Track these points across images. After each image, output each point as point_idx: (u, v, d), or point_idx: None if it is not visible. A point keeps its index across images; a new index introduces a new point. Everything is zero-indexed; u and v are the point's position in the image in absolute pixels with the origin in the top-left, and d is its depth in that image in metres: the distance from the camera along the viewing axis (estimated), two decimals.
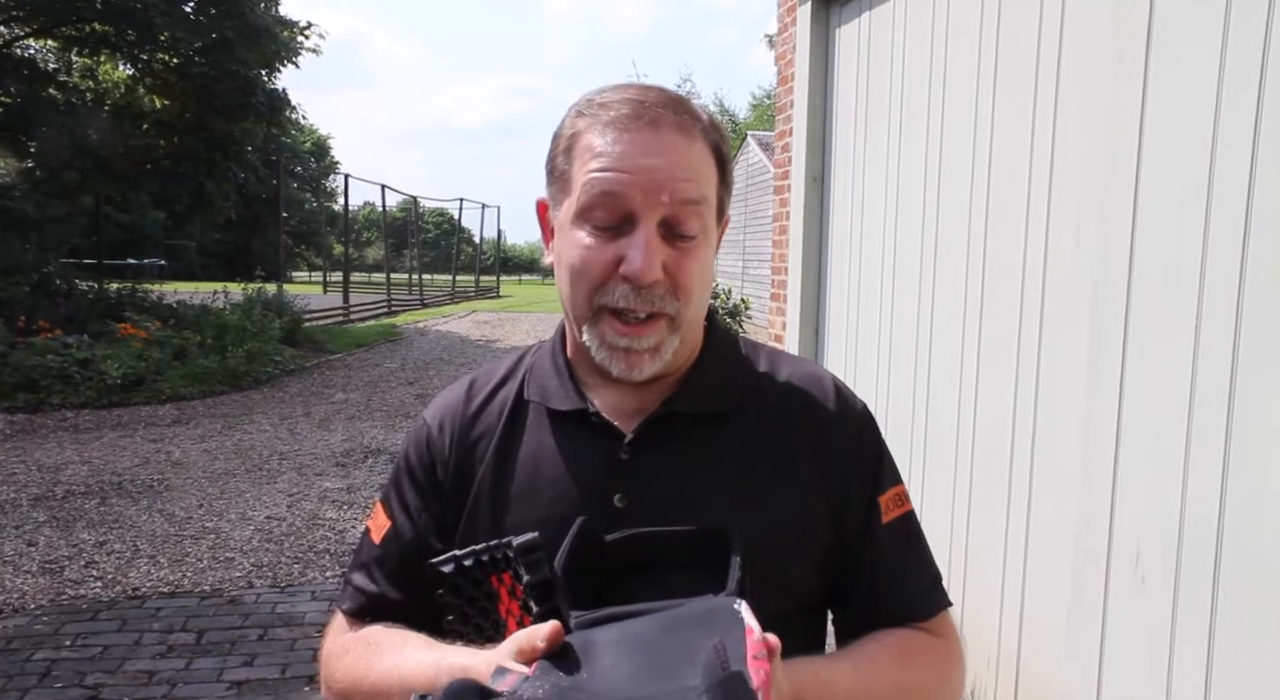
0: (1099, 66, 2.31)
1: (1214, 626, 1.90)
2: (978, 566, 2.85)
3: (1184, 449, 1.99)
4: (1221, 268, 1.89)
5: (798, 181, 4.18)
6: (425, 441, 1.03)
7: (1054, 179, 2.50)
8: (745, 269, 17.90)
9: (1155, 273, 2.10)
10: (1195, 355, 1.96)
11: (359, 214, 54.64)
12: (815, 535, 0.95)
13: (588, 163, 0.88)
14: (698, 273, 0.90)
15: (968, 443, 2.91)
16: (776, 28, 4.62)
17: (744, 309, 12.50)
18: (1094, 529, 2.27)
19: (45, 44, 15.57)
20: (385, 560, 1.02)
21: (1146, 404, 2.12)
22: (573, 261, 0.89)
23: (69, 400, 8.68)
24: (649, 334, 0.89)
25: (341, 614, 1.05)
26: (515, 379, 1.04)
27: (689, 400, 0.96)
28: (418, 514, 1.01)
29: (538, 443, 0.98)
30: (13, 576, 4.37)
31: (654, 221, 0.86)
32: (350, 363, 12.63)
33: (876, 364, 3.56)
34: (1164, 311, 2.06)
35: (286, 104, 15.31)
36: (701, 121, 0.92)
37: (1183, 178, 2.00)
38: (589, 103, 0.91)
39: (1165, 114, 2.07)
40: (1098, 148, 2.30)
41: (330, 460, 6.87)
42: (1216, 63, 1.91)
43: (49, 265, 12.72)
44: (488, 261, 42.71)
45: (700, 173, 0.89)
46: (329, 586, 4.33)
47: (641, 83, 0.95)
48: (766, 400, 0.99)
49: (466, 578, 0.90)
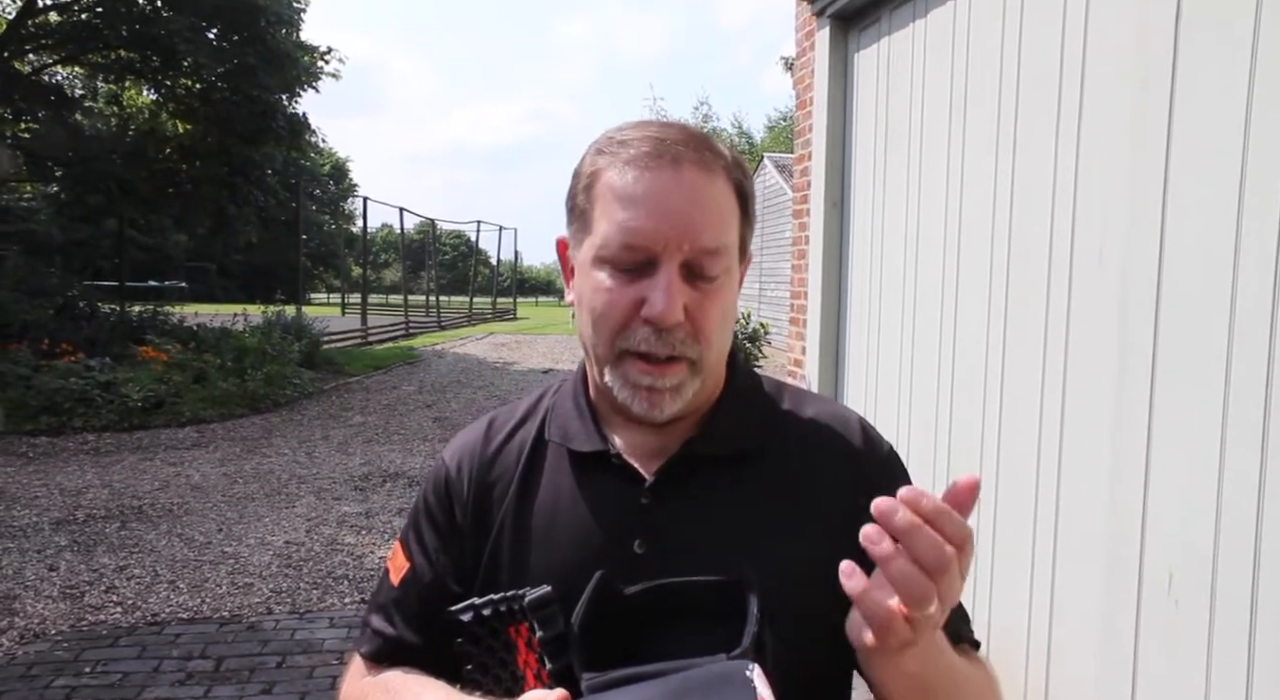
0: (1123, 91, 2.29)
1: (1252, 655, 1.86)
2: (1004, 595, 2.81)
3: (1217, 472, 1.95)
4: (1252, 290, 1.87)
5: (817, 206, 4.17)
6: (444, 482, 1.02)
7: (1078, 204, 2.47)
8: (762, 291, 17.89)
9: (1184, 295, 2.07)
10: (1227, 377, 1.93)
11: (377, 236, 55.10)
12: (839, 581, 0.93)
13: (609, 205, 0.87)
14: (719, 316, 0.89)
15: (992, 468, 2.87)
16: (795, 52, 4.63)
17: (763, 333, 12.48)
18: (1124, 555, 2.23)
19: (72, 71, 15.85)
20: (404, 603, 1.00)
21: (1177, 426, 2.08)
22: (594, 305, 0.88)
23: (90, 423, 8.75)
24: (671, 374, 0.88)
25: (359, 657, 1.04)
26: (535, 418, 1.03)
27: (710, 441, 0.94)
28: (436, 556, 0.99)
29: (557, 485, 0.96)
30: (34, 601, 4.38)
31: (675, 264, 0.85)
32: (368, 385, 12.67)
33: (898, 390, 3.53)
34: (1193, 335, 2.03)
35: (306, 128, 15.48)
36: (724, 159, 0.90)
37: (1210, 203, 1.98)
38: (609, 140, 0.90)
39: (1192, 138, 2.05)
40: (1123, 173, 2.28)
41: (348, 484, 6.87)
42: (1245, 85, 1.89)
43: (73, 288, 12.88)
44: (504, 283, 42.90)
45: (722, 215, 0.88)
46: (347, 612, 4.32)
47: (662, 120, 0.94)
48: (790, 441, 0.97)
49: (485, 627, 0.89)
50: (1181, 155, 2.08)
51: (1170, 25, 2.11)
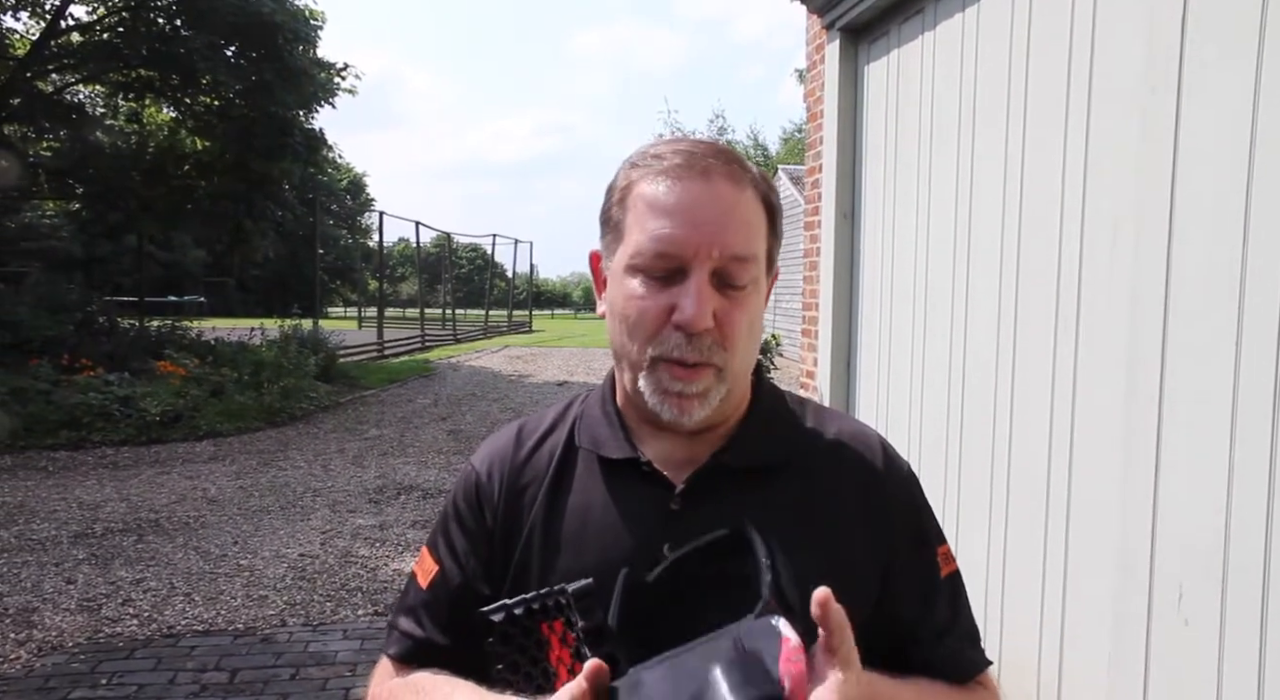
0: (1131, 100, 2.29)
1: (1263, 670, 1.84)
2: (1014, 610, 2.79)
3: (1226, 485, 1.94)
4: (1260, 299, 1.86)
5: (828, 217, 4.17)
6: (474, 487, 1.04)
7: (1086, 215, 2.47)
8: (777, 302, 17.87)
9: (1192, 307, 2.06)
10: (1235, 392, 1.92)
11: (393, 250, 55.41)
12: (863, 592, 0.95)
13: (641, 214, 0.90)
14: (745, 324, 0.91)
15: (1003, 480, 2.86)
16: (806, 64, 4.65)
17: (775, 345, 12.46)
18: (1135, 570, 2.21)
19: (93, 89, 16.07)
20: (432, 605, 1.02)
21: (1187, 439, 2.07)
22: (627, 312, 0.91)
23: (109, 437, 8.83)
24: (699, 379, 0.89)
25: (387, 659, 1.05)
26: (564, 426, 1.05)
27: (738, 454, 0.96)
28: (466, 559, 1.01)
29: (587, 490, 0.98)
30: (52, 614, 4.42)
31: (705, 271, 0.88)
32: (384, 398, 12.73)
33: (909, 400, 3.52)
34: (1202, 350, 2.02)
35: (323, 143, 15.65)
36: (752, 174, 0.94)
37: (1217, 209, 1.97)
38: (643, 155, 0.94)
39: (1199, 146, 2.05)
40: (1130, 183, 2.27)
41: (363, 497, 6.90)
42: (1251, 90, 1.89)
43: (93, 304, 13.02)
44: (520, 296, 43.06)
45: (751, 224, 0.91)
46: (361, 625, 4.33)
47: (694, 137, 0.98)
48: (814, 456, 1.00)
49: (516, 626, 0.91)
50: (1189, 161, 2.08)
51: (1176, 35, 2.11)
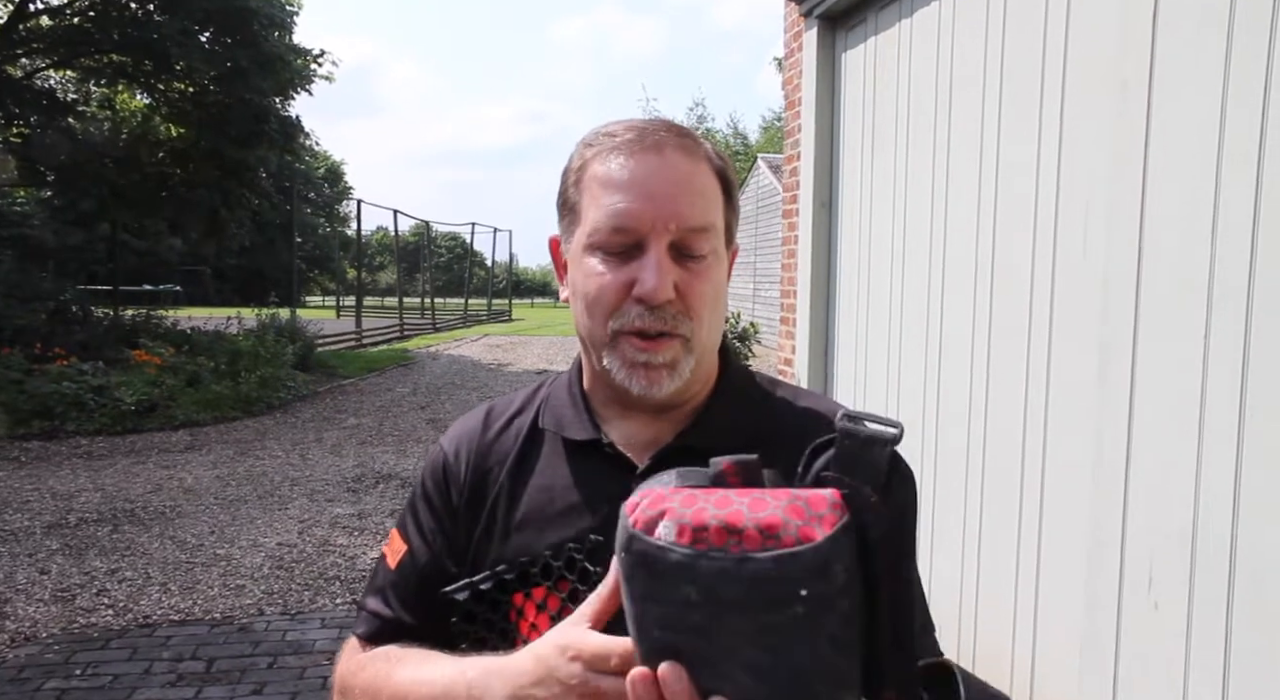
0: (1104, 90, 2.31)
1: (1229, 654, 1.88)
2: (990, 595, 2.82)
3: (1194, 472, 1.97)
4: (1229, 284, 1.88)
5: (806, 206, 4.18)
6: (442, 467, 1.04)
7: (1060, 202, 2.49)
8: (756, 291, 17.91)
9: (1164, 288, 2.09)
10: (1204, 377, 1.94)
11: (371, 239, 54.94)
12: None
13: (596, 193, 0.90)
14: (710, 294, 0.91)
15: (978, 467, 2.89)
16: (784, 52, 4.65)
17: (753, 333, 12.48)
18: (1106, 555, 2.24)
19: (64, 75, 15.83)
20: (400, 585, 1.02)
21: (1157, 427, 2.10)
22: (587, 290, 0.91)
23: (83, 427, 8.73)
24: (665, 349, 0.89)
25: (356, 639, 1.05)
26: (531, 408, 1.05)
27: (703, 434, 0.96)
28: (434, 538, 1.01)
29: (551, 470, 0.99)
30: (25, 604, 4.37)
31: (663, 244, 0.88)
32: (362, 388, 12.66)
33: (885, 387, 3.55)
34: (1172, 333, 2.05)
35: (300, 130, 15.48)
36: (705, 147, 0.94)
37: (1188, 196, 1.99)
38: (595, 135, 0.94)
39: (1171, 137, 2.07)
40: (1103, 172, 2.30)
41: (342, 486, 6.87)
42: (1220, 84, 1.91)
43: (66, 292, 12.85)
44: (500, 285, 42.87)
45: (706, 195, 0.91)
46: (339, 614, 4.32)
47: (648, 119, 0.98)
48: (783, 435, 0.98)
49: (483, 603, 0.91)
50: (1160, 152, 2.10)
51: (1148, 26, 2.13)
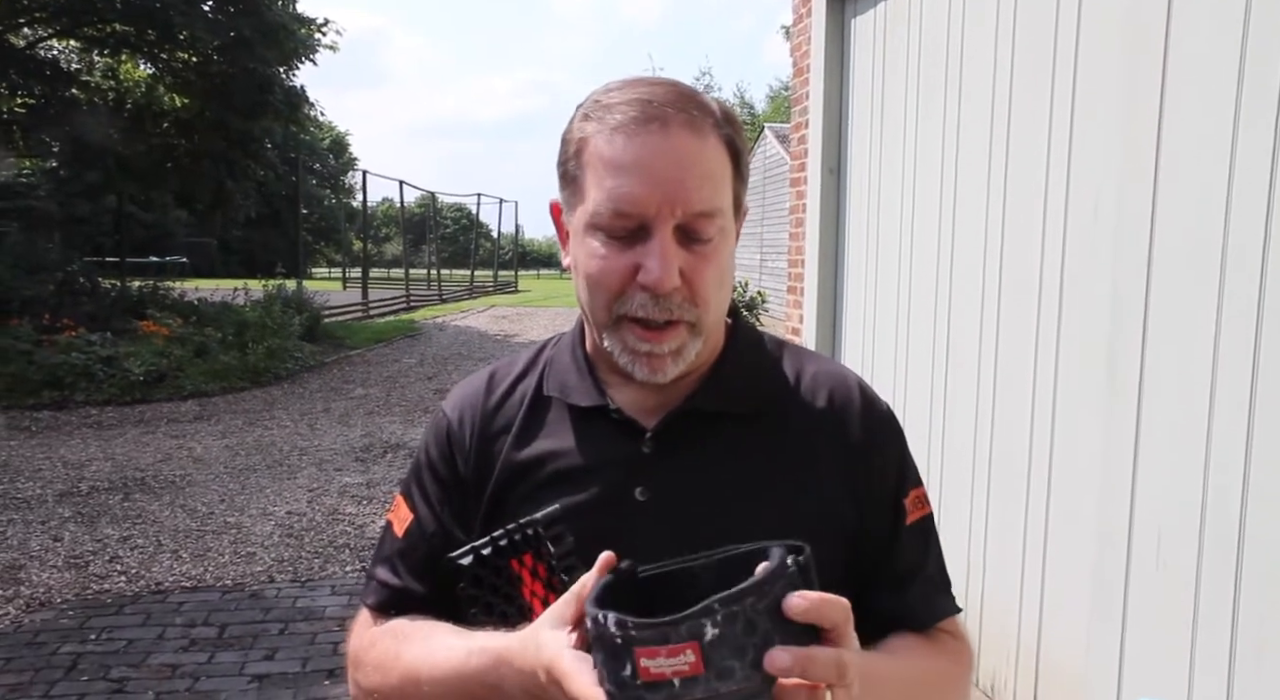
0: (1118, 51, 2.28)
1: (1236, 615, 1.88)
2: (998, 558, 2.83)
3: (1205, 433, 1.96)
4: (1243, 255, 1.87)
5: (814, 173, 4.15)
6: (445, 434, 1.02)
7: (1072, 169, 2.47)
8: (763, 262, 17.84)
9: (1177, 262, 2.07)
10: (1216, 343, 1.93)
11: (377, 210, 54.79)
12: (838, 535, 0.94)
13: (599, 172, 0.86)
14: (715, 278, 0.88)
15: (986, 432, 2.89)
16: (792, 18, 4.59)
17: (760, 302, 12.46)
18: (1114, 516, 2.25)
19: (67, 45, 15.74)
20: (408, 554, 1.01)
21: (1167, 389, 2.09)
22: (590, 271, 0.88)
23: (93, 397, 8.78)
24: (669, 339, 0.87)
25: (366, 609, 1.04)
26: (535, 372, 1.03)
27: (712, 397, 0.95)
28: (440, 506, 1.00)
29: (557, 436, 0.97)
30: (40, 571, 4.43)
31: (668, 229, 0.85)
32: (369, 358, 12.70)
33: (894, 356, 3.54)
34: (1185, 301, 2.03)
35: (305, 101, 15.40)
36: (714, 115, 0.88)
37: (1203, 165, 1.97)
38: (595, 104, 0.89)
39: (1185, 97, 2.04)
40: (1117, 135, 2.27)
41: (350, 455, 6.91)
42: (1238, 45, 1.88)
43: (73, 264, 12.87)
44: (506, 256, 42.79)
45: (714, 177, 0.87)
46: (349, 581, 4.36)
47: (649, 78, 0.91)
48: (791, 398, 0.98)
49: (487, 567, 0.90)
50: (1175, 113, 2.07)
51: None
